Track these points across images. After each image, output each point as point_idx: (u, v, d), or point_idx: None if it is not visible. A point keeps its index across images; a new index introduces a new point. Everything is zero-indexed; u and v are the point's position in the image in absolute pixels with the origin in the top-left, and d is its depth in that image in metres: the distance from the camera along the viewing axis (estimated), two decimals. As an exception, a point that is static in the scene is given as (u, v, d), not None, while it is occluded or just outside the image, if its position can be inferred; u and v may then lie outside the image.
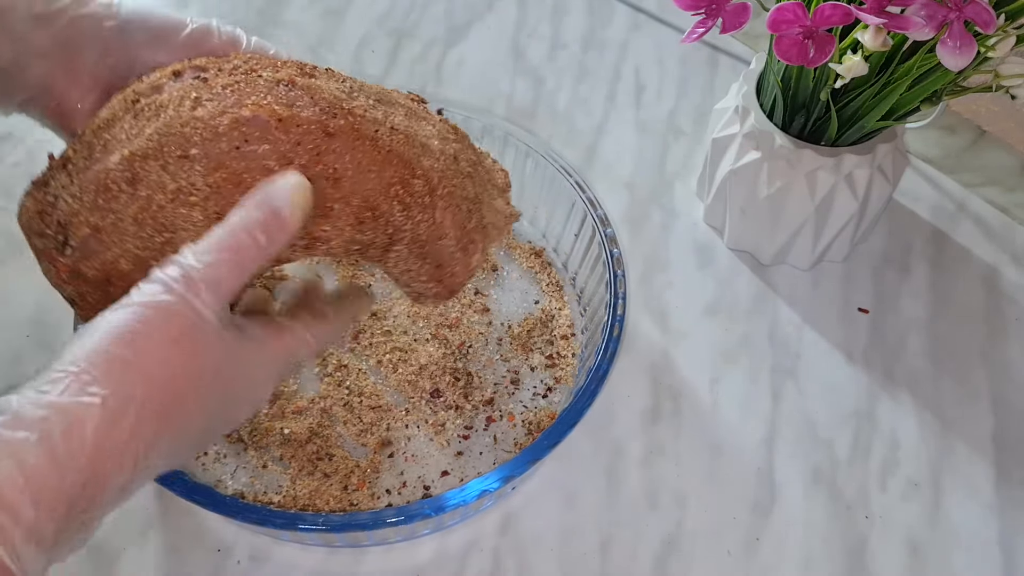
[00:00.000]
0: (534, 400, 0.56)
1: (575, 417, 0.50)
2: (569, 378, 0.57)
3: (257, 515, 0.46)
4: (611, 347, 0.52)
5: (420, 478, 0.53)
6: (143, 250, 0.39)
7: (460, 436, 0.54)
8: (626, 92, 0.75)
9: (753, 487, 0.55)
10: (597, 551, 0.53)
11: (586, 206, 0.58)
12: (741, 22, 0.49)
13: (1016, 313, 0.64)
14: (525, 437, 0.54)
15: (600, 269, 0.57)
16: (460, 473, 0.53)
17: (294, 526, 0.46)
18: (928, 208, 0.69)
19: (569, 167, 0.59)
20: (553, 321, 0.60)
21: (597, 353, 0.52)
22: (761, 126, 0.59)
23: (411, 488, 0.52)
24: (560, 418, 0.50)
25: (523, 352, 0.58)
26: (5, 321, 0.60)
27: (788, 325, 0.62)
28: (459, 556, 0.52)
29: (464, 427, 0.55)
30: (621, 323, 0.53)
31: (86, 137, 0.41)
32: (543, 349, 0.58)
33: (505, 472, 0.48)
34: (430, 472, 0.53)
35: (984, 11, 0.45)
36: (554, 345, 0.58)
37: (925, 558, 0.53)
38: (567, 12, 0.81)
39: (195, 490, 0.47)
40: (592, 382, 0.51)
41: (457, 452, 0.54)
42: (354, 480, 0.52)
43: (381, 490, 0.52)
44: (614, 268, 0.55)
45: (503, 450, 0.54)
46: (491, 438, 0.54)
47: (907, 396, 0.59)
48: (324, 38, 0.78)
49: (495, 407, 0.55)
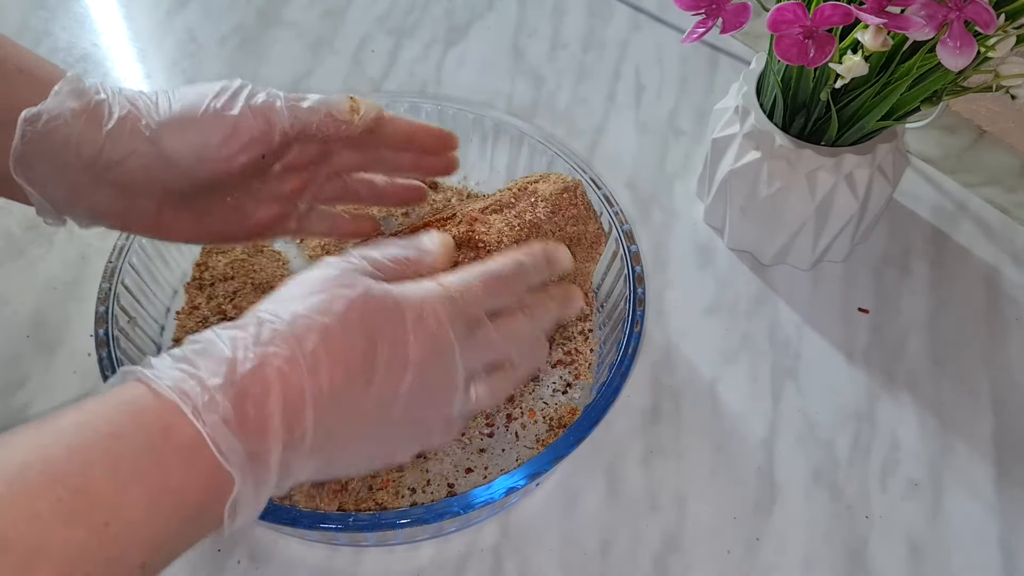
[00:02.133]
0: (554, 396, 0.56)
1: (599, 413, 0.50)
2: (588, 374, 0.57)
3: (287, 516, 0.46)
4: (632, 343, 0.52)
5: (444, 476, 0.53)
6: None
7: (482, 433, 0.54)
8: (626, 92, 0.75)
9: (753, 487, 0.55)
10: (597, 551, 0.53)
11: (602, 203, 0.58)
12: (741, 22, 0.49)
13: (1016, 313, 0.64)
14: (547, 433, 0.55)
15: (618, 265, 0.57)
16: (483, 470, 0.53)
17: (317, 526, 0.46)
18: (928, 208, 0.69)
19: (584, 164, 0.59)
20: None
21: (619, 348, 0.52)
22: (761, 126, 0.59)
23: (435, 486, 0.52)
24: (585, 413, 0.50)
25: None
26: (5, 321, 0.60)
27: (788, 325, 0.62)
28: (459, 557, 0.52)
29: (486, 424, 0.55)
30: (642, 319, 0.53)
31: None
32: (563, 345, 0.58)
33: (532, 469, 0.48)
34: (453, 470, 0.53)
35: (984, 11, 0.45)
36: (572, 341, 0.58)
37: (925, 558, 0.53)
38: (567, 12, 0.81)
39: None
40: (615, 377, 0.51)
41: (480, 449, 0.54)
42: (379, 479, 0.52)
43: (405, 488, 0.52)
44: (632, 264, 0.56)
45: (525, 446, 0.54)
46: (513, 435, 0.55)
47: (907, 396, 0.59)
48: (324, 38, 0.78)
49: (516, 404, 0.56)
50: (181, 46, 0.77)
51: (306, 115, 0.47)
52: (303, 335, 0.36)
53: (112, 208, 0.46)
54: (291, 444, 0.36)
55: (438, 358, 0.40)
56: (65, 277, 0.62)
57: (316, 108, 0.48)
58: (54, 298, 0.62)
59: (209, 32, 0.78)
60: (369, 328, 0.38)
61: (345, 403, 0.37)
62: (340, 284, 0.39)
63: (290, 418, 0.35)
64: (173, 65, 0.76)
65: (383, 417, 0.39)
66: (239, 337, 0.36)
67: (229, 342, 0.35)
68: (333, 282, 0.39)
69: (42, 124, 0.43)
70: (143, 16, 0.80)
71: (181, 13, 0.80)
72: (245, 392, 0.34)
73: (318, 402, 0.36)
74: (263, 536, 0.52)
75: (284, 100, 0.47)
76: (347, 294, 0.38)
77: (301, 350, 0.36)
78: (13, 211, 0.65)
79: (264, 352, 0.35)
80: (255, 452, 0.34)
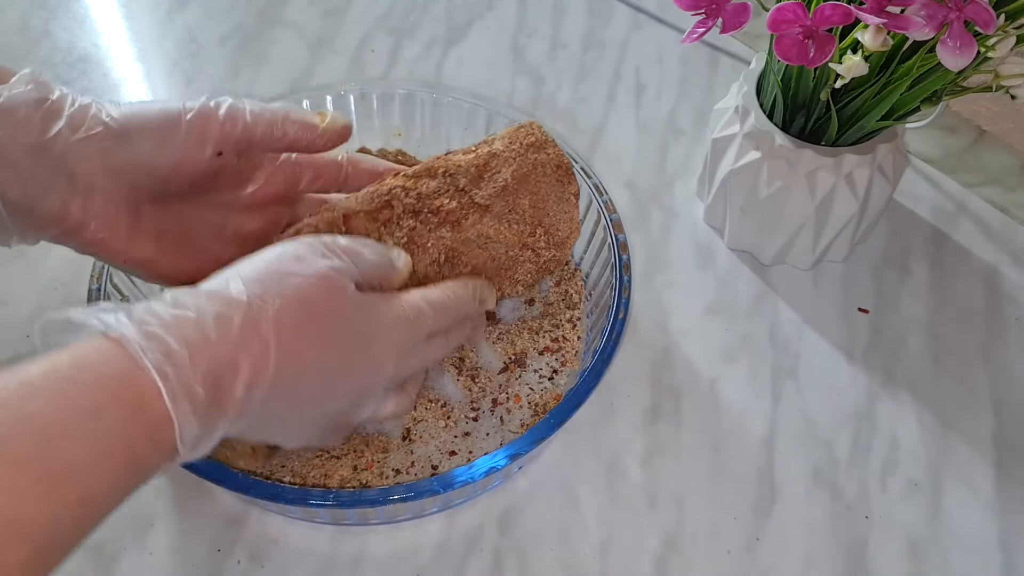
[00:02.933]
0: (540, 383, 0.56)
1: (580, 398, 0.50)
2: (575, 361, 0.57)
3: (269, 491, 0.47)
4: (616, 329, 0.53)
5: (428, 458, 0.53)
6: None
7: (467, 417, 0.55)
8: (626, 92, 0.75)
9: (753, 487, 0.55)
10: (597, 551, 0.53)
11: (592, 192, 0.58)
12: (741, 22, 0.49)
13: (1016, 313, 0.64)
14: (531, 418, 0.55)
15: (605, 254, 0.57)
16: (467, 453, 0.53)
17: (304, 502, 0.47)
18: (928, 208, 0.69)
19: (575, 153, 0.59)
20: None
21: (603, 335, 0.53)
22: (761, 126, 0.59)
23: (419, 467, 0.53)
24: (566, 398, 0.50)
25: (529, 335, 0.58)
26: (5, 321, 0.60)
27: (788, 325, 0.62)
28: (459, 556, 0.52)
29: (471, 408, 0.55)
30: (626, 306, 0.54)
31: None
32: (550, 332, 0.58)
33: (512, 450, 0.48)
34: (438, 452, 0.53)
35: (984, 11, 0.45)
36: (560, 329, 0.58)
37: (925, 558, 0.53)
38: (567, 12, 0.81)
39: (206, 466, 0.47)
40: (598, 363, 0.51)
41: (465, 433, 0.54)
42: (363, 460, 0.52)
43: (390, 470, 0.52)
44: (619, 252, 0.56)
45: (510, 431, 0.54)
46: (498, 419, 0.55)
47: (907, 396, 0.59)
48: (324, 38, 0.78)
49: (502, 389, 0.56)
50: (181, 46, 0.77)
51: (270, 114, 0.48)
52: (282, 323, 0.38)
53: (69, 209, 0.44)
54: (234, 421, 0.37)
55: (376, 375, 0.44)
56: (65, 277, 0.62)
57: (279, 109, 0.48)
58: (54, 298, 0.62)
59: (209, 32, 0.78)
60: (340, 331, 0.41)
61: (294, 393, 0.39)
62: (329, 281, 0.41)
63: (246, 403, 0.37)
64: (173, 65, 0.76)
65: (309, 411, 0.42)
66: (225, 317, 0.37)
67: (215, 322, 0.36)
68: (323, 277, 0.41)
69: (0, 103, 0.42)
70: (143, 16, 0.80)
71: (181, 13, 0.80)
72: (219, 380, 0.36)
73: (273, 388, 0.38)
74: (263, 536, 0.52)
75: (249, 104, 0.48)
76: (334, 294, 0.41)
77: (277, 340, 0.38)
78: (13, 211, 0.65)
79: (246, 339, 0.37)
80: (207, 433, 0.36)
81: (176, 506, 0.53)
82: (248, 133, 0.47)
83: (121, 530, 0.52)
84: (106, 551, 0.51)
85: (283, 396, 0.39)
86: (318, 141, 0.49)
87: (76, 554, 0.35)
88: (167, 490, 0.54)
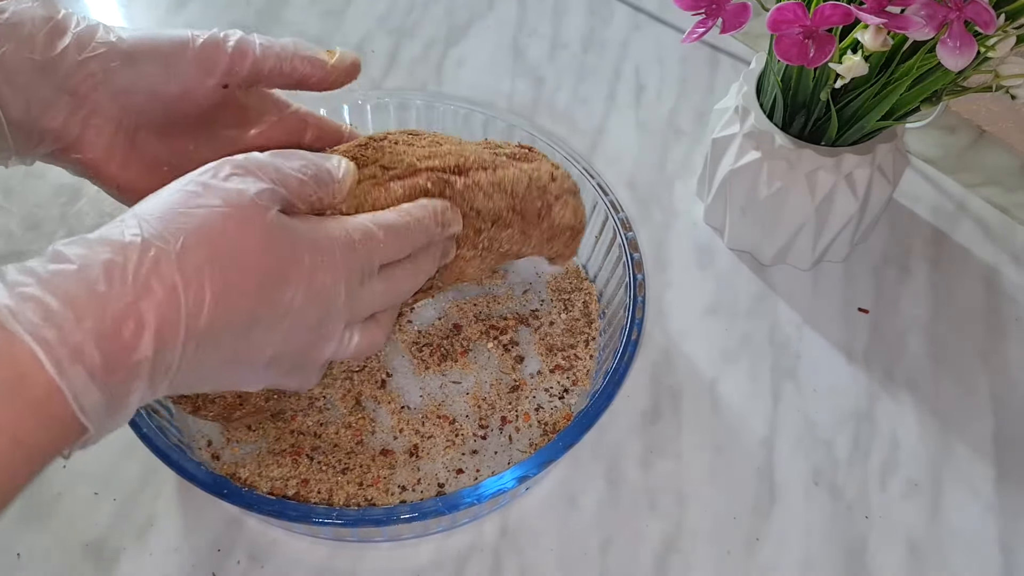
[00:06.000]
0: (551, 401, 0.56)
1: (591, 420, 0.50)
2: (586, 380, 0.57)
3: (272, 507, 0.46)
4: (629, 350, 0.52)
5: (435, 475, 0.53)
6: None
7: (476, 435, 0.54)
8: (626, 92, 0.75)
9: (753, 487, 0.55)
10: (597, 551, 0.53)
11: (608, 209, 0.58)
12: (741, 22, 0.49)
13: (1016, 313, 0.64)
14: (540, 437, 0.54)
15: (620, 272, 0.57)
16: (475, 472, 0.53)
17: (308, 520, 0.46)
18: (928, 208, 0.69)
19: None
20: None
21: (615, 356, 0.52)
22: (761, 126, 0.59)
23: (425, 485, 0.52)
24: (576, 420, 0.50)
25: (547, 353, 0.58)
26: (5, 321, 0.60)
27: (788, 325, 0.62)
28: (459, 556, 0.52)
29: (480, 426, 0.55)
30: (640, 327, 0.53)
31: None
32: (562, 351, 0.58)
33: (520, 472, 0.48)
34: (444, 470, 0.53)
35: (984, 11, 0.45)
36: (573, 348, 0.58)
37: (925, 558, 0.53)
38: (567, 12, 0.81)
39: (210, 480, 0.47)
40: (609, 385, 0.51)
41: (472, 451, 0.54)
42: (370, 476, 0.52)
43: (395, 487, 0.52)
44: (633, 272, 0.55)
45: (518, 450, 0.54)
46: (506, 438, 0.54)
47: (907, 396, 0.59)
48: (324, 38, 0.78)
49: (512, 407, 0.55)
50: (181, 46, 0.77)
51: (279, 48, 0.47)
52: (189, 263, 0.34)
53: (68, 126, 0.44)
54: (154, 380, 0.34)
55: (324, 309, 0.39)
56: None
57: (288, 43, 0.47)
58: None
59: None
60: (263, 266, 0.36)
61: (218, 341, 0.35)
62: (242, 207, 0.36)
63: (160, 359, 0.33)
64: (173, 65, 0.76)
65: (252, 356, 0.38)
66: (116, 264, 0.32)
67: (103, 271, 0.32)
68: (235, 204, 0.36)
69: (5, 18, 0.42)
70: (143, 16, 0.80)
71: (181, 13, 0.80)
72: (118, 336, 0.32)
73: (191, 339, 0.34)
74: (263, 536, 0.52)
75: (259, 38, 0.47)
76: (250, 222, 0.36)
77: (184, 283, 0.33)
78: (13, 211, 0.65)
79: (145, 286, 0.33)
80: (117, 397, 0.32)
81: (176, 506, 0.53)
82: (256, 66, 0.47)
83: (121, 530, 0.52)
84: (106, 551, 0.51)
85: (210, 346, 0.35)
86: (328, 78, 0.49)
87: (76, 554, 0.34)
88: (167, 490, 0.54)
